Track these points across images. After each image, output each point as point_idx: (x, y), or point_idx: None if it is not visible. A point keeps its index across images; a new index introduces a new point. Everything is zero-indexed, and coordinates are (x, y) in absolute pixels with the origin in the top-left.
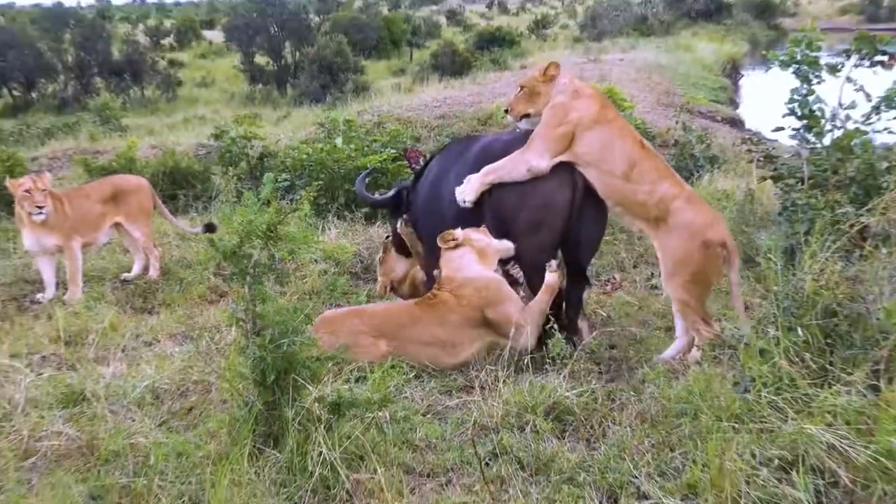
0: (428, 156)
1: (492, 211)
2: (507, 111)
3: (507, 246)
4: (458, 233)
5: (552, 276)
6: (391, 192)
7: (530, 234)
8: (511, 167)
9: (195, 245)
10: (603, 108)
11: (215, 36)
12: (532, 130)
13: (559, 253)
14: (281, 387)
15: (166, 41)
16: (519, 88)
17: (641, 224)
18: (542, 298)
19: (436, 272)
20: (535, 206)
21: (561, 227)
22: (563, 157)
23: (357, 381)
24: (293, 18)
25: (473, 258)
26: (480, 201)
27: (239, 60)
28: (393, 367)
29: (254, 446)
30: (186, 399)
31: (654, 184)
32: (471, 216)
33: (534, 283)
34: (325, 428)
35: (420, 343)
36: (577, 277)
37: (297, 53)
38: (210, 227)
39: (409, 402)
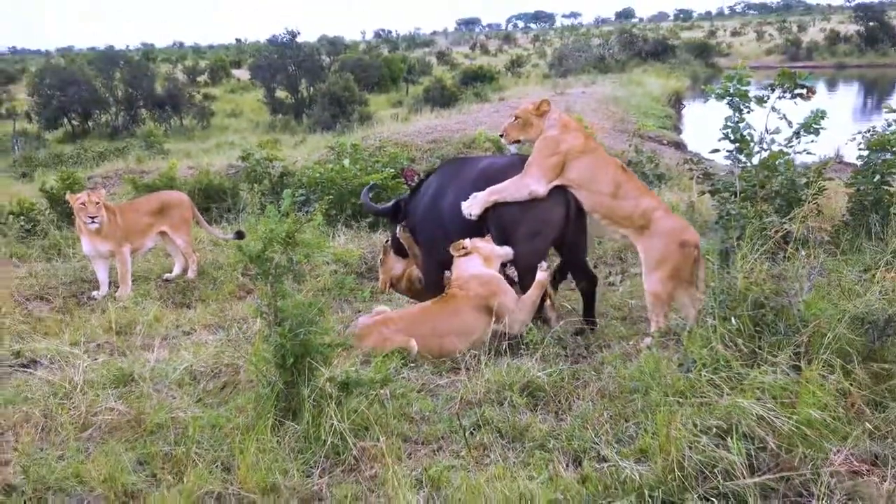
0: (422, 174)
1: (495, 221)
2: (501, 135)
3: (507, 251)
4: (468, 242)
5: (543, 275)
6: (390, 204)
7: (527, 241)
8: (514, 190)
9: (226, 250)
10: (587, 139)
11: (242, 74)
12: (518, 153)
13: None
14: (298, 369)
15: (201, 78)
16: (514, 118)
17: (626, 231)
18: (534, 293)
19: (447, 274)
20: (533, 219)
21: (553, 237)
22: (557, 182)
23: (362, 364)
24: (308, 59)
25: (480, 262)
26: (482, 214)
27: (262, 95)
28: (392, 353)
29: (276, 419)
30: (219, 379)
31: (637, 199)
32: (465, 225)
33: (526, 282)
34: (335, 403)
35: (440, 335)
36: (585, 277)
37: (312, 89)
38: (240, 235)
39: (406, 381)
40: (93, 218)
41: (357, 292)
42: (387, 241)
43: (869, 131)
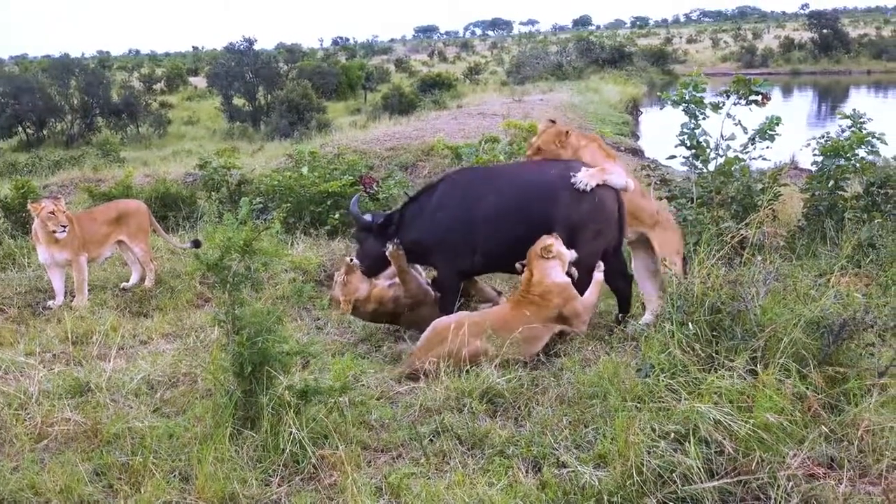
0: (380, 181)
1: (564, 222)
2: None
3: (574, 255)
4: (555, 246)
5: (600, 275)
6: (382, 218)
7: (591, 242)
8: (616, 176)
9: (183, 258)
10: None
11: (199, 82)
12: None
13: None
14: (256, 377)
15: (158, 86)
16: (535, 151)
17: (643, 229)
18: (594, 292)
19: (518, 265)
20: (599, 219)
21: (609, 238)
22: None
23: (321, 371)
24: (265, 67)
25: (560, 268)
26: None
27: (220, 102)
28: (352, 359)
29: (234, 428)
30: (176, 389)
31: (650, 199)
32: (507, 233)
33: (584, 282)
34: (294, 412)
35: (514, 342)
36: (623, 277)
37: (269, 96)
38: (196, 244)
39: (365, 388)
40: (64, 227)
41: (315, 300)
42: (351, 260)
43: (823, 137)
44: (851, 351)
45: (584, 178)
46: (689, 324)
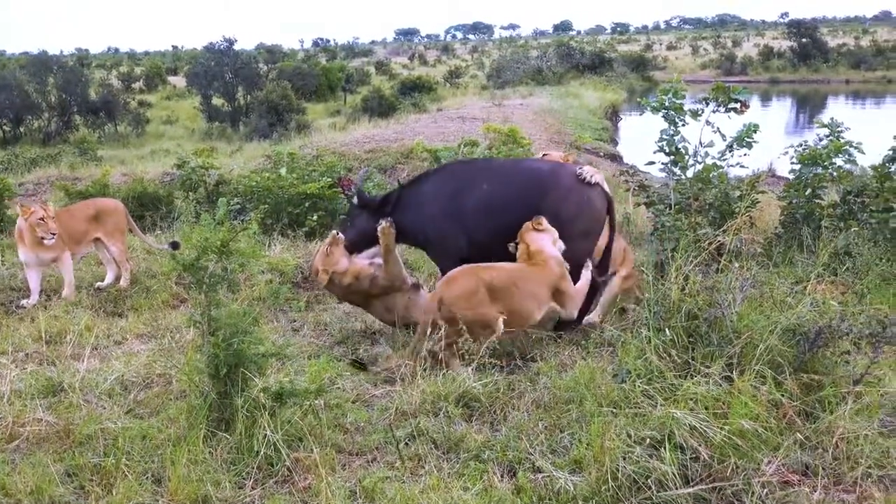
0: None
1: (552, 218)
2: None
3: (562, 246)
4: (545, 222)
5: (589, 273)
6: (380, 196)
7: (581, 239)
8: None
9: (160, 258)
10: None
11: (179, 81)
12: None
13: None
14: (232, 379)
15: (136, 85)
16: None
17: None
18: (584, 284)
19: (511, 246)
20: (588, 218)
21: (598, 237)
22: None
23: (297, 374)
24: (245, 67)
25: (551, 242)
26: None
27: (199, 102)
28: (328, 362)
29: (208, 430)
30: (150, 390)
31: None
32: (487, 224)
33: (574, 278)
34: (269, 414)
35: (526, 297)
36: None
37: (249, 97)
38: (175, 245)
39: (341, 391)
40: (53, 234)
41: (292, 302)
42: (337, 232)
43: (801, 145)
44: (827, 359)
45: (591, 172)
46: (666, 329)
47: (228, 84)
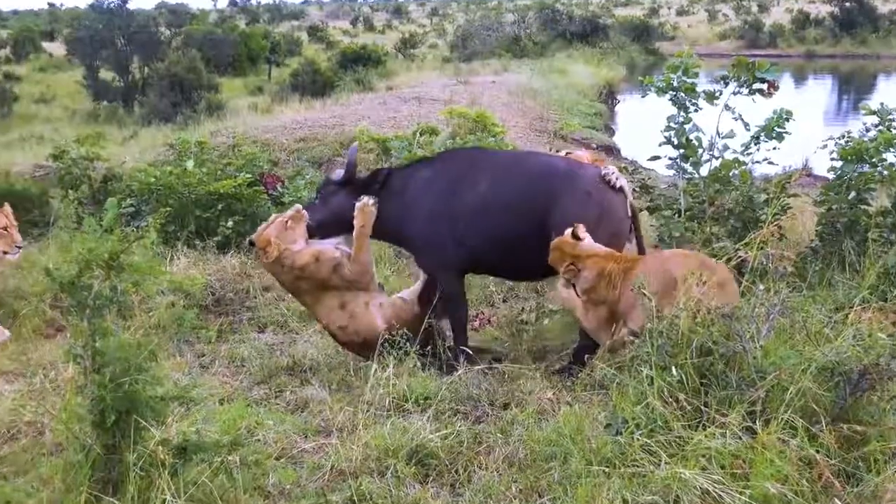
0: (286, 181)
1: (567, 219)
2: None
3: None
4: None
5: None
6: (367, 174)
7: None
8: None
9: (30, 274)
10: None
11: (56, 48)
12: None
13: None
14: (122, 429)
15: (2, 53)
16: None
17: None
18: None
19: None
20: (613, 219)
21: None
22: None
23: (205, 422)
24: (142, 31)
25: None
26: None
27: (82, 75)
28: (245, 407)
29: (91, 494)
30: (17, 442)
31: None
32: (481, 219)
33: None
34: (169, 473)
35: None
36: None
37: (146, 69)
38: None
39: (261, 444)
40: (19, 248)
41: (200, 331)
42: (303, 208)
43: (843, 137)
44: (873, 405)
45: (616, 173)
46: (673, 368)
47: (120, 53)
